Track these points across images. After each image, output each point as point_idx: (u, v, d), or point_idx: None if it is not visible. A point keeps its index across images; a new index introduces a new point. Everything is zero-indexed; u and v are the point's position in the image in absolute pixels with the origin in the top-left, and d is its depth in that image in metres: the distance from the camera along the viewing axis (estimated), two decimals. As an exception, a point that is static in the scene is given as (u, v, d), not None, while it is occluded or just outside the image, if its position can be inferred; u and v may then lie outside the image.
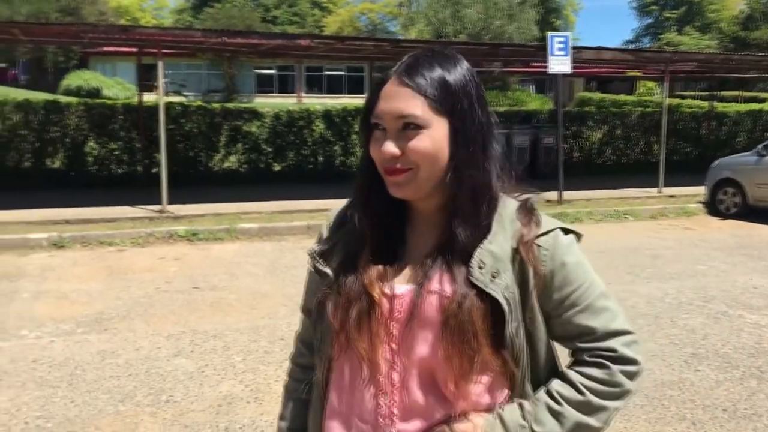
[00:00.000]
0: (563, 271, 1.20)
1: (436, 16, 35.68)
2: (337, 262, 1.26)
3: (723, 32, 38.60)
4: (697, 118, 16.59)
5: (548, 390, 1.20)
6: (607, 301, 1.23)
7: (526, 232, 1.19)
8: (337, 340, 1.23)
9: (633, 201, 11.35)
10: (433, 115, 1.15)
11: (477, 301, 1.14)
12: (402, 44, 10.77)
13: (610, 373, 1.19)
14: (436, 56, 1.21)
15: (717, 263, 7.55)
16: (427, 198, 1.21)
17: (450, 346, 1.14)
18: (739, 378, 4.30)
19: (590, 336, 1.20)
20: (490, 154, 1.22)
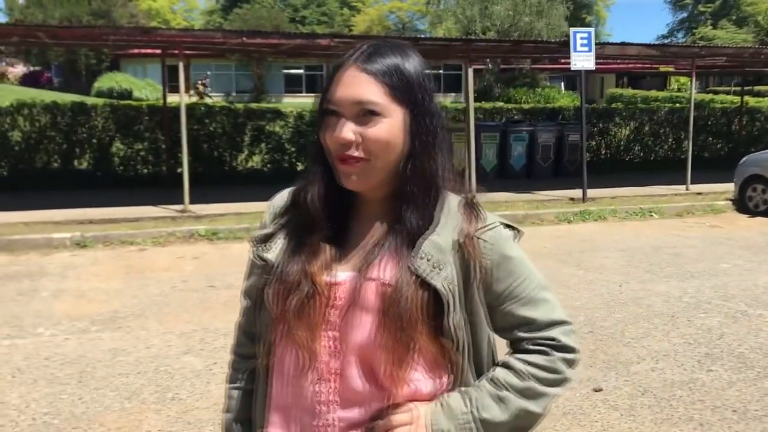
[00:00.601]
0: (504, 265, 1.22)
1: (464, 14, 35.51)
2: (279, 249, 1.26)
3: (760, 26, 37.71)
4: (728, 114, 16.24)
5: (491, 377, 1.22)
6: (546, 293, 1.27)
7: (470, 226, 1.21)
8: (276, 328, 1.24)
9: (659, 198, 11.16)
10: (390, 103, 1.16)
11: (418, 290, 1.16)
12: (422, 42, 10.72)
13: (552, 360, 1.22)
14: (393, 46, 1.22)
15: (741, 262, 7.37)
16: (378, 187, 1.21)
17: (388, 334, 1.16)
18: (753, 378, 4.20)
19: (531, 326, 1.23)
20: (441, 146, 1.23)
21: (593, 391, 4.04)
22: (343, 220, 1.25)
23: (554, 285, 6.38)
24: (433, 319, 1.17)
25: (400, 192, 1.19)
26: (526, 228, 8.92)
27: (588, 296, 6.08)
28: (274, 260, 1.24)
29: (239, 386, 1.36)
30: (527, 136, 13.90)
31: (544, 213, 10.21)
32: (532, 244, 8.40)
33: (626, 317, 5.46)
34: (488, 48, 11.67)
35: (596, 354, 4.65)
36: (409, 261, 1.16)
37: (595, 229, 9.43)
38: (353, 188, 1.20)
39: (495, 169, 13.78)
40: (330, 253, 1.22)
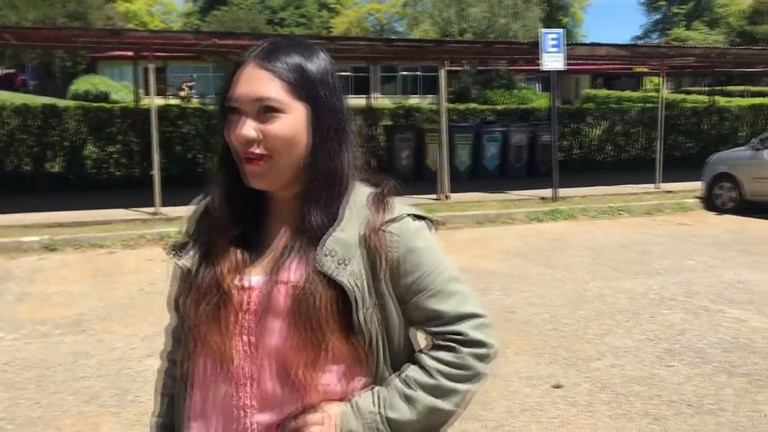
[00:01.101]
0: (412, 257, 1.21)
1: (441, 15, 35.63)
2: (195, 255, 1.27)
3: (731, 27, 38.26)
4: (698, 114, 16.46)
5: (403, 375, 1.21)
6: (457, 285, 1.24)
7: (375, 218, 1.20)
8: (192, 334, 1.24)
9: (629, 197, 11.28)
10: (291, 99, 1.16)
11: (324, 289, 1.16)
12: (394, 43, 10.77)
13: (460, 356, 1.20)
14: (295, 44, 1.23)
15: (707, 258, 7.48)
16: (286, 186, 1.22)
17: (298, 335, 1.16)
18: (710, 373, 4.26)
19: (440, 320, 1.21)
20: (346, 143, 1.24)
21: (553, 388, 4.08)
22: (257, 221, 1.26)
23: (522, 283, 6.45)
24: (344, 316, 1.16)
25: (305, 190, 1.20)
26: (498, 228, 9.01)
27: (554, 294, 6.13)
28: (190, 267, 1.25)
29: (169, 392, 1.36)
30: (500, 136, 13.99)
31: (516, 212, 10.28)
32: (503, 244, 8.47)
33: (590, 314, 5.52)
34: (460, 49, 11.71)
35: (558, 351, 4.70)
36: (314, 260, 1.16)
37: (565, 228, 9.51)
38: (259, 187, 1.20)
39: (469, 169, 13.85)
40: (242, 258, 1.22)
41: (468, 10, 34.47)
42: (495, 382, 4.15)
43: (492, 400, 3.91)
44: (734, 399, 3.88)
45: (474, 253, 7.97)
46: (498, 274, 6.88)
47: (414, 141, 13.59)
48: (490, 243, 8.54)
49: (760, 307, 5.64)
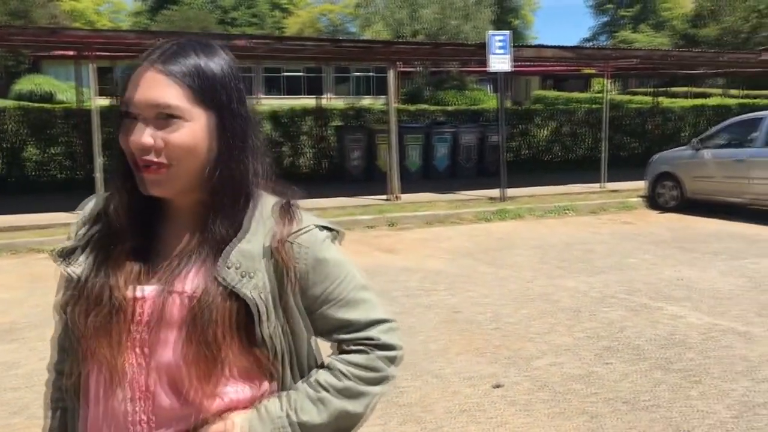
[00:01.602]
0: (320, 268, 1.19)
1: (393, 17, 35.76)
2: (85, 262, 1.20)
3: (675, 30, 39.31)
4: (643, 114, 16.85)
5: (312, 379, 1.19)
6: (365, 293, 1.24)
7: (282, 229, 1.18)
8: (81, 346, 1.18)
9: (575, 197, 11.46)
10: (191, 106, 1.11)
11: (224, 301, 1.12)
12: (343, 44, 10.72)
13: (371, 358, 1.20)
14: (197, 46, 1.17)
15: (648, 256, 7.64)
16: (185, 193, 1.17)
17: (193, 349, 1.12)
18: (646, 370, 4.33)
19: (350, 327, 1.21)
20: (251, 150, 1.19)
21: (493, 388, 4.09)
22: (156, 229, 1.21)
23: (468, 283, 6.47)
24: (245, 329, 1.13)
25: (207, 198, 1.16)
26: (447, 228, 9.06)
27: (498, 293, 6.17)
28: (80, 274, 1.18)
29: (59, 405, 1.29)
30: (450, 137, 14.09)
31: (464, 212, 10.35)
32: (452, 244, 8.51)
33: (533, 313, 5.57)
34: (409, 50, 11.74)
35: (500, 350, 4.72)
36: (215, 271, 1.12)
37: (512, 228, 9.61)
38: (156, 194, 1.15)
39: (419, 169, 13.91)
40: (137, 266, 1.17)
41: (420, 11, 34.67)
42: (436, 383, 4.15)
43: (432, 402, 3.90)
44: (669, 395, 3.95)
45: (422, 253, 7.98)
46: (445, 274, 6.90)
47: (365, 142, 13.59)
48: (439, 243, 8.57)
49: (697, 304, 5.77)
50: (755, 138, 10.02)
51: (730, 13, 32.41)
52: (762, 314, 5.47)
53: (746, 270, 6.90)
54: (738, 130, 10.52)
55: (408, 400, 3.92)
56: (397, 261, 7.55)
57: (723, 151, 10.34)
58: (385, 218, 9.86)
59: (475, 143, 14.27)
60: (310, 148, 14.35)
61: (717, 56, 13.54)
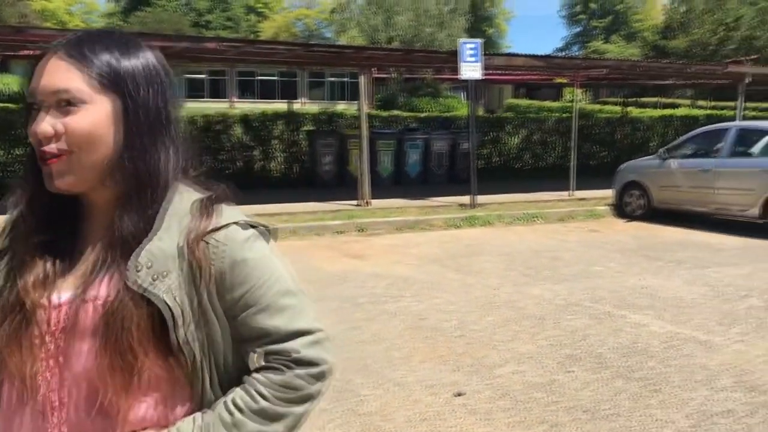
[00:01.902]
0: (240, 269, 1.11)
1: (368, 23, 35.87)
2: (2, 269, 1.14)
3: (646, 41, 39.90)
4: (612, 124, 17.05)
5: (229, 398, 1.11)
6: (290, 299, 1.15)
7: (198, 227, 1.10)
8: None
9: (544, 204, 11.52)
10: (94, 93, 1.07)
11: (137, 306, 1.06)
12: (314, 48, 10.66)
13: (290, 376, 1.12)
14: (109, 36, 1.13)
15: (613, 264, 7.69)
16: (97, 190, 1.11)
17: (107, 359, 1.06)
18: (608, 378, 4.34)
19: (270, 338, 1.12)
20: (164, 143, 1.13)
21: (454, 396, 4.06)
22: (72, 230, 1.15)
23: (434, 289, 6.45)
24: (161, 336, 1.07)
25: (117, 194, 1.10)
26: (416, 234, 9.03)
27: (464, 300, 6.15)
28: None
29: None
30: (422, 143, 14.11)
31: (434, 219, 10.34)
32: (420, 250, 8.48)
33: (498, 320, 5.56)
34: (381, 56, 11.72)
35: (463, 358, 4.70)
36: (125, 273, 1.06)
37: (481, 234, 9.62)
38: (59, 188, 1.09)
39: (391, 175, 13.90)
40: (52, 272, 1.11)
41: (395, 18, 34.83)
42: (397, 392, 4.10)
43: (393, 411, 3.85)
44: (629, 404, 3.96)
45: (391, 259, 7.95)
46: (412, 281, 6.87)
47: (336, 147, 13.54)
48: (408, 249, 8.55)
49: (660, 312, 5.81)
50: (720, 148, 10.18)
51: (699, 26, 32.99)
52: (723, 323, 5.52)
53: (709, 279, 6.98)
54: (704, 141, 10.68)
55: (368, 409, 3.87)
56: (364, 267, 7.51)
57: (689, 161, 10.48)
58: (355, 224, 9.81)
59: (446, 150, 14.32)
60: (281, 153, 14.25)
61: (684, 67, 13.75)
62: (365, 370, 4.45)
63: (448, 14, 35.39)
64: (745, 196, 9.67)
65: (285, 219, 9.83)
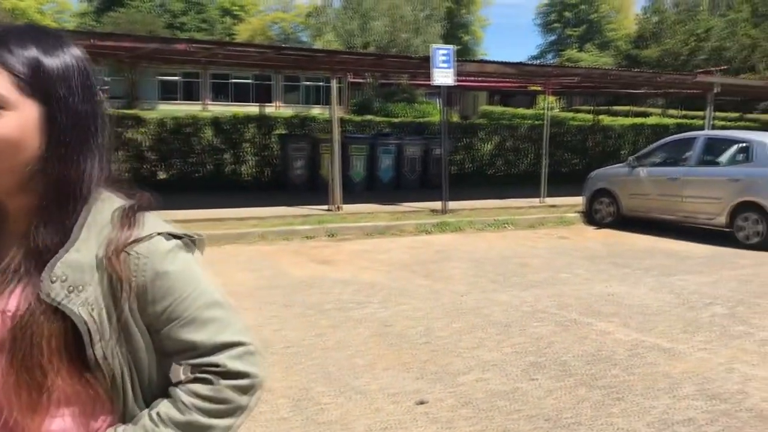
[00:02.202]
0: (162, 282, 1.07)
1: (344, 27, 35.84)
2: None
3: (619, 50, 40.43)
4: (583, 131, 17.19)
5: (154, 411, 1.07)
6: (216, 312, 1.11)
7: (118, 237, 1.05)
8: None
9: (515, 211, 11.55)
10: (19, 96, 1.00)
11: (48, 320, 1.00)
12: (285, 52, 10.58)
13: (217, 389, 1.08)
14: (36, 33, 1.06)
15: (581, 271, 7.71)
16: (15, 196, 1.05)
17: (14, 375, 1.00)
18: (571, 386, 4.32)
19: (195, 351, 1.08)
20: (89, 151, 1.08)
21: (416, 404, 4.00)
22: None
23: (402, 296, 6.40)
24: (76, 351, 1.02)
25: (37, 202, 1.05)
26: (387, 239, 8.97)
27: (431, 306, 6.11)
28: None
29: None
30: (395, 149, 14.08)
31: (405, 224, 10.30)
32: (390, 256, 8.43)
33: (464, 327, 5.52)
34: (352, 60, 11.67)
35: (427, 365, 4.65)
36: (38, 286, 1.01)
37: (451, 240, 9.60)
38: None
39: (364, 180, 13.84)
40: None
41: (371, 23, 34.84)
42: (359, 400, 4.04)
43: (353, 419, 3.79)
44: (591, 412, 3.93)
45: (359, 265, 7.88)
46: (380, 287, 6.81)
47: (308, 151, 13.45)
48: (377, 255, 8.49)
49: (626, 320, 5.82)
50: (689, 157, 10.28)
51: (671, 36, 33.51)
52: (687, 331, 5.54)
53: (675, 286, 7.02)
54: (672, 149, 10.79)
55: (328, 418, 3.80)
56: (332, 273, 7.43)
57: (658, 169, 10.57)
58: (325, 229, 9.73)
59: (419, 155, 14.31)
60: (252, 156, 14.13)
61: (654, 76, 13.91)
62: (327, 377, 4.38)
63: (423, 20, 35.51)
64: (712, 205, 9.78)
65: (254, 223, 9.72)
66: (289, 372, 4.45)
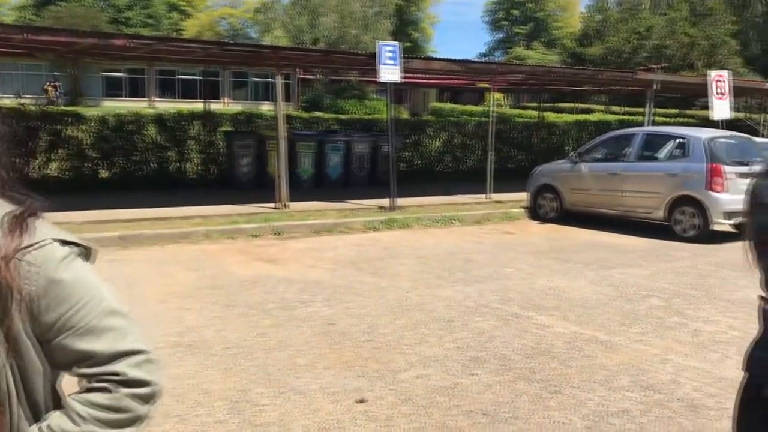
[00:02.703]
0: (55, 291, 1.04)
1: (293, 23, 35.56)
2: None
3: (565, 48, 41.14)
4: (529, 128, 17.44)
5: (40, 426, 1.03)
6: (113, 320, 1.08)
7: (9, 245, 1.01)
8: None
9: (462, 207, 11.64)
10: None
11: None
12: (228, 47, 10.43)
13: (116, 398, 1.05)
14: None
15: (524, 266, 7.81)
16: None
17: None
18: (510, 380, 4.37)
19: (92, 360, 1.05)
20: None
21: (356, 403, 3.99)
22: None
23: (347, 293, 6.37)
24: None
25: None
26: (334, 237, 8.91)
27: (376, 304, 6.11)
28: None
29: None
30: (343, 146, 14.03)
31: (353, 221, 10.28)
32: (337, 253, 8.40)
33: (407, 323, 5.53)
34: (298, 56, 11.59)
35: (369, 363, 4.64)
36: None
37: (399, 237, 9.62)
38: None
39: (312, 177, 13.75)
40: None
41: (320, 19, 34.66)
42: (298, 400, 4.01)
43: (291, 420, 3.75)
44: (528, 406, 3.99)
45: (305, 263, 7.83)
46: (325, 285, 6.77)
47: (255, 148, 13.30)
48: (324, 253, 8.44)
49: (566, 313, 5.92)
50: (628, 153, 10.53)
51: (614, 34, 34.27)
52: (624, 323, 5.67)
53: (614, 279, 7.18)
54: (613, 145, 11.03)
55: (266, 419, 3.75)
56: (277, 271, 7.36)
57: (598, 164, 10.79)
58: (271, 227, 9.63)
59: (368, 152, 14.29)
60: (198, 154, 13.88)
61: (596, 74, 14.19)
62: (267, 378, 4.33)
63: (373, 17, 35.51)
64: (651, 199, 10.04)
65: (198, 222, 9.56)
66: (228, 373, 4.39)
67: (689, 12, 34.43)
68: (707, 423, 3.82)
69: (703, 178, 9.50)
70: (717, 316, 5.93)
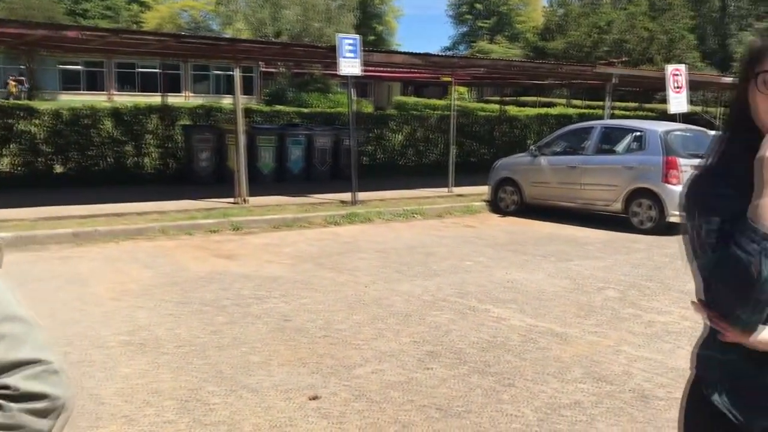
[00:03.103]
0: None
1: (255, 16, 35.17)
2: None
3: (528, 42, 41.48)
4: (491, 122, 17.52)
5: None
6: (11, 326, 1.00)
7: None
8: None
9: (423, 200, 11.64)
10: None
11: None
12: (185, 40, 10.23)
13: (9, 415, 0.97)
14: None
15: (483, 259, 7.83)
16: None
17: None
18: (464, 374, 4.36)
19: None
20: None
21: (309, 400, 3.94)
22: None
23: (304, 289, 6.31)
24: None
25: None
26: (294, 232, 8.81)
27: (333, 299, 6.06)
28: None
29: None
30: (305, 139, 13.92)
31: (314, 216, 10.20)
32: (296, 248, 8.32)
33: (364, 318, 5.49)
34: (256, 49, 11.44)
35: (324, 359, 4.59)
36: None
37: (359, 231, 9.57)
38: None
39: (273, 172, 13.62)
40: None
41: (282, 12, 34.34)
42: (250, 398, 3.94)
43: (242, 419, 3.69)
44: (481, 400, 3.98)
45: (263, 258, 7.73)
46: (282, 281, 6.70)
47: (214, 142, 13.11)
48: (283, 248, 8.36)
49: (522, 306, 5.94)
50: (587, 146, 10.63)
51: (575, 29, 34.63)
52: (579, 315, 5.72)
53: (571, 272, 7.24)
54: (572, 139, 11.12)
55: (216, 419, 3.69)
56: (234, 267, 7.26)
57: (558, 158, 10.88)
58: (230, 222, 9.50)
59: (330, 146, 14.20)
60: (155, 148, 13.62)
61: (556, 67, 14.32)
62: (219, 377, 4.26)
63: (336, 10, 35.32)
64: (609, 192, 10.16)
65: (155, 218, 9.39)
66: (179, 372, 4.30)
67: (648, 7, 34.96)
68: (657, 413, 3.86)
69: (660, 170, 9.63)
70: (670, 306, 6.02)
